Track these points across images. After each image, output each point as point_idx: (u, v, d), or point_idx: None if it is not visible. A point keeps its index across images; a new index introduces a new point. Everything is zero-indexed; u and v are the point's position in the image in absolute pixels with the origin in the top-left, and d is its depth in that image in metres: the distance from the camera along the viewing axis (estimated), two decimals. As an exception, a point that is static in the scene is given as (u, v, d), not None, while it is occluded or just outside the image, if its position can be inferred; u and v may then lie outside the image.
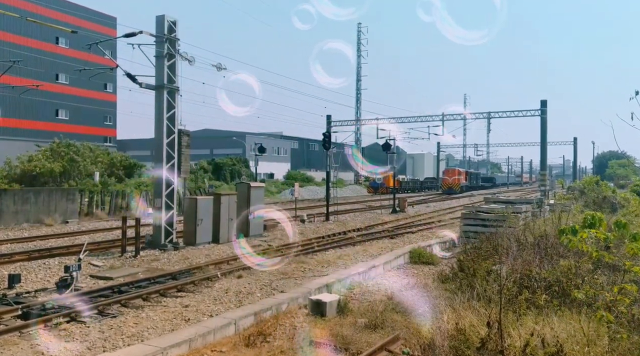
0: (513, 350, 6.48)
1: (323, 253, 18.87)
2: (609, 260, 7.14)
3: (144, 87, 19.59)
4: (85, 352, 8.55)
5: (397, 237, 23.42)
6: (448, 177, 74.44)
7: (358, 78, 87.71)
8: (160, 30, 19.74)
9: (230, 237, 21.28)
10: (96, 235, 23.55)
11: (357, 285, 13.97)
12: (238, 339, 9.17)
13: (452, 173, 75.60)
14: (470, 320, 7.71)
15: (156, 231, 19.66)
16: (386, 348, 8.32)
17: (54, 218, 27.86)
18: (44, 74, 59.03)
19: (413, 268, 16.68)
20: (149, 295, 12.24)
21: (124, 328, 9.81)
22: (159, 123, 19.76)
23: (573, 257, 10.56)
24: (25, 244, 20.38)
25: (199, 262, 16.81)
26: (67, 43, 64.61)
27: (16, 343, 8.96)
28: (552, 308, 8.11)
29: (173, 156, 20.08)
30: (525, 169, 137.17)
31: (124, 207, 32.45)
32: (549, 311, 8.03)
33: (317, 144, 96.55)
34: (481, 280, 10.50)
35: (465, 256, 14.18)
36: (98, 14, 68.91)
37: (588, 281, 9.08)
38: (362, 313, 10.71)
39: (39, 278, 14.02)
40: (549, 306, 8.20)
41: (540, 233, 14.55)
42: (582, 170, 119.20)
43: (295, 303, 11.57)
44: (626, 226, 6.78)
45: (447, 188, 71.63)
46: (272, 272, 14.96)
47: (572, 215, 17.94)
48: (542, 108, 39.44)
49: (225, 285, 13.30)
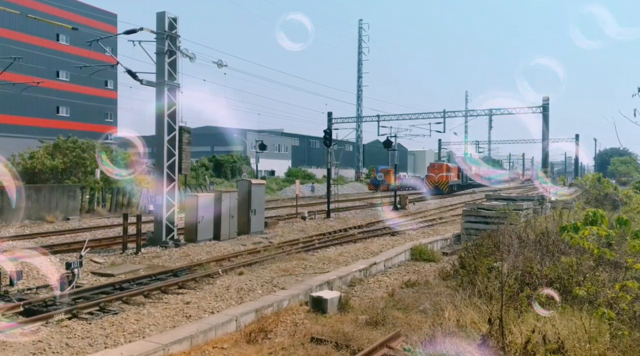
0: (514, 347, 6.48)
1: (324, 250, 18.88)
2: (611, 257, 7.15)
3: (145, 84, 19.57)
4: (86, 349, 8.56)
5: (398, 234, 23.41)
6: (434, 174, 62.69)
7: (359, 75, 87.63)
8: (161, 26, 19.73)
9: (231, 233, 21.30)
10: (97, 232, 23.57)
11: (358, 282, 13.98)
12: (239, 336, 9.17)
13: (438, 168, 63.60)
14: (472, 316, 7.72)
15: (157, 228, 19.67)
16: (387, 344, 8.32)
17: (55, 215, 27.88)
18: (45, 71, 59.03)
19: (414, 265, 16.68)
20: (150, 291, 12.25)
21: (125, 325, 9.82)
22: (160, 120, 19.75)
23: (574, 254, 10.55)
24: (27, 241, 20.39)
25: (200, 258, 16.81)
26: (68, 40, 64.56)
27: (18, 339, 8.96)
28: (554, 305, 8.11)
29: (174, 153, 20.08)
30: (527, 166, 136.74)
31: (125, 204, 32.46)
32: (551, 308, 8.03)
33: (318, 141, 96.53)
34: (482, 277, 10.50)
35: (466, 253, 14.19)
36: (99, 11, 68.83)
37: (589, 278, 9.07)
38: (363, 310, 10.71)
39: (40, 275, 14.02)
40: (550, 304, 8.20)
41: (542, 230, 14.55)
42: (584, 167, 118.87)
43: (296, 300, 11.57)
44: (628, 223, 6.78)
45: (433, 187, 60.38)
46: (274, 269, 14.97)
47: (574, 212, 17.95)
48: (544, 104, 39.41)
49: (226, 282, 13.31)
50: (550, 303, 8.26)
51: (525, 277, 9.76)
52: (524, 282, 9.46)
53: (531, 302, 6.92)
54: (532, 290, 8.71)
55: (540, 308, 6.68)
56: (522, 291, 8.64)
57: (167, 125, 19.80)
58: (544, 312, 6.57)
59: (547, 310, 6.94)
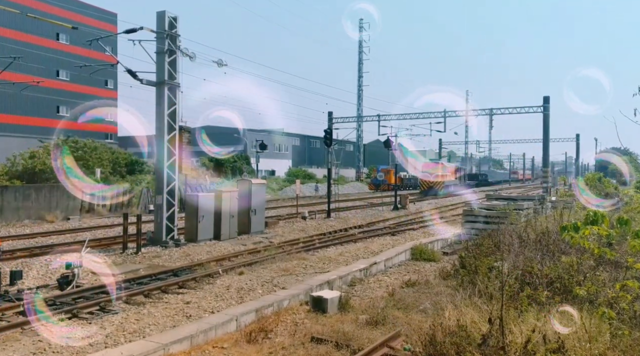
0: (514, 347, 6.47)
1: (324, 249, 18.88)
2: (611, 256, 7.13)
3: (145, 83, 19.57)
4: (86, 348, 8.55)
5: (399, 234, 23.40)
6: (428, 174, 58.73)
7: (360, 74, 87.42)
8: (161, 26, 19.73)
9: (231, 233, 21.29)
10: (97, 231, 23.57)
11: (359, 282, 13.98)
12: (239, 335, 9.17)
13: (433, 168, 59.57)
14: (472, 316, 7.70)
15: (157, 228, 19.66)
16: (387, 344, 8.31)
17: (56, 215, 27.90)
18: (45, 70, 59.01)
19: (414, 265, 16.68)
20: (150, 291, 12.25)
21: (126, 325, 9.82)
22: (160, 120, 19.74)
23: (575, 253, 10.54)
24: (27, 241, 20.40)
25: (200, 258, 16.81)
26: (68, 39, 64.56)
27: (18, 339, 8.97)
28: (554, 305, 8.10)
29: (174, 153, 20.07)
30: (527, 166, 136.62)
31: (125, 203, 32.46)
32: (551, 307, 8.02)
33: (318, 141, 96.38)
34: (483, 277, 10.49)
35: (467, 253, 14.19)
36: (98, 10, 68.78)
37: (590, 278, 9.07)
38: (363, 310, 10.71)
39: (40, 275, 14.03)
40: (550, 303, 8.19)
41: (542, 229, 14.54)
42: (584, 167, 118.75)
43: (297, 300, 11.56)
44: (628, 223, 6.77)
45: (427, 187, 56.81)
46: (274, 269, 14.96)
47: (574, 211, 17.94)
48: (545, 104, 39.40)
49: (226, 282, 13.30)
50: (551, 302, 8.25)
51: (525, 277, 9.75)
52: (525, 282, 9.45)
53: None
54: (532, 290, 8.71)
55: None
56: (523, 291, 8.63)
57: (167, 125, 19.79)
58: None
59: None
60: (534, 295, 8.45)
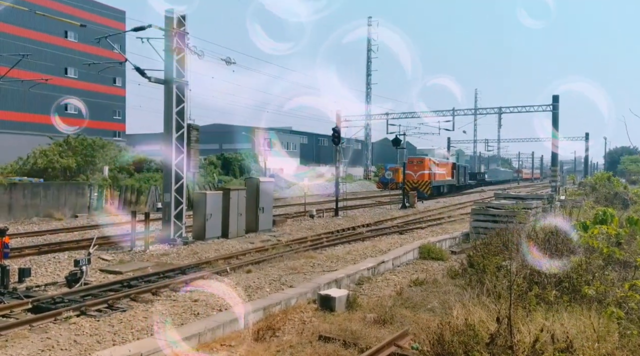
0: (522, 346, 6.44)
1: (332, 248, 18.87)
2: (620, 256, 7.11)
3: (153, 81, 19.60)
4: (95, 346, 8.59)
5: (407, 233, 23.36)
6: (413, 172, 48.43)
7: (368, 72, 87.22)
8: (170, 24, 19.74)
9: (239, 231, 21.31)
10: (105, 229, 23.64)
11: (366, 280, 13.97)
12: (247, 333, 9.18)
13: (419, 165, 49.53)
14: (480, 315, 7.67)
15: (165, 226, 19.70)
16: (395, 343, 8.30)
17: (64, 213, 28.03)
18: (53, 68, 59.17)
19: (423, 264, 16.65)
20: (158, 289, 12.28)
21: (134, 322, 9.85)
22: (168, 118, 19.77)
23: (584, 253, 10.49)
24: (35, 238, 20.50)
25: (208, 256, 16.84)
26: (76, 37, 64.72)
27: (26, 336, 9.01)
28: (562, 304, 8.06)
29: (182, 151, 20.10)
30: (536, 165, 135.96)
31: (134, 201, 32.56)
32: (559, 307, 7.99)
33: (326, 139, 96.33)
34: (491, 276, 10.46)
35: (475, 252, 14.15)
36: (107, 8, 68.91)
37: (598, 277, 9.02)
38: (371, 308, 10.70)
39: (48, 272, 14.09)
40: (559, 302, 8.16)
41: (551, 229, 14.47)
42: (593, 166, 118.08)
43: (304, 298, 11.57)
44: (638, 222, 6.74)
45: (412, 188, 44.38)
46: (282, 267, 14.97)
47: (583, 211, 17.85)
48: (554, 103, 39.19)
49: (234, 280, 13.32)
50: (559, 302, 8.22)
51: (534, 276, 9.71)
52: (533, 281, 9.41)
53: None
54: (540, 289, 8.67)
55: None
56: (531, 290, 8.60)
57: (176, 123, 19.80)
58: None
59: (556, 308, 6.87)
60: (542, 295, 8.42)
